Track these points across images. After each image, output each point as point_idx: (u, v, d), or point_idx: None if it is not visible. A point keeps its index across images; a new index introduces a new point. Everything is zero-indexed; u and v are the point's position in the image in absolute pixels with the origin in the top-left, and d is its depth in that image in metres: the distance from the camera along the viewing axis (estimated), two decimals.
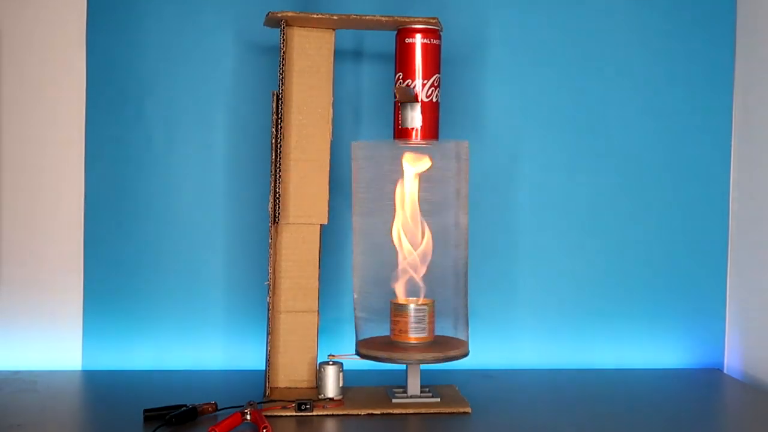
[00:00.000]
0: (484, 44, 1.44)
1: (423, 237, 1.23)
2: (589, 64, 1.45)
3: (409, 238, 1.23)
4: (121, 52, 1.39)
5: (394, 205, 1.23)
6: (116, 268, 1.39)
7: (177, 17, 1.39)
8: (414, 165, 1.22)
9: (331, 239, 1.34)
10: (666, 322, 1.45)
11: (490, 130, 1.44)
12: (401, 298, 1.23)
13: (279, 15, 1.21)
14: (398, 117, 1.22)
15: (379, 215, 1.24)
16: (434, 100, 1.22)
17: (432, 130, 1.22)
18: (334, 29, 1.25)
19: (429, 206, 1.23)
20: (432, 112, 1.22)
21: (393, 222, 1.23)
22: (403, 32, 1.22)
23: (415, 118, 1.21)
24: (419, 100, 1.21)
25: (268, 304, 1.22)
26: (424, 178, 1.23)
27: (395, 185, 1.23)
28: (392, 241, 1.23)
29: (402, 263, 1.23)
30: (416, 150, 1.23)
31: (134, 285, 1.39)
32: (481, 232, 1.40)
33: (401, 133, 1.22)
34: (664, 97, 1.45)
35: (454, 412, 1.20)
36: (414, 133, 1.22)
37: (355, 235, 1.25)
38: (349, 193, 1.25)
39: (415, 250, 1.23)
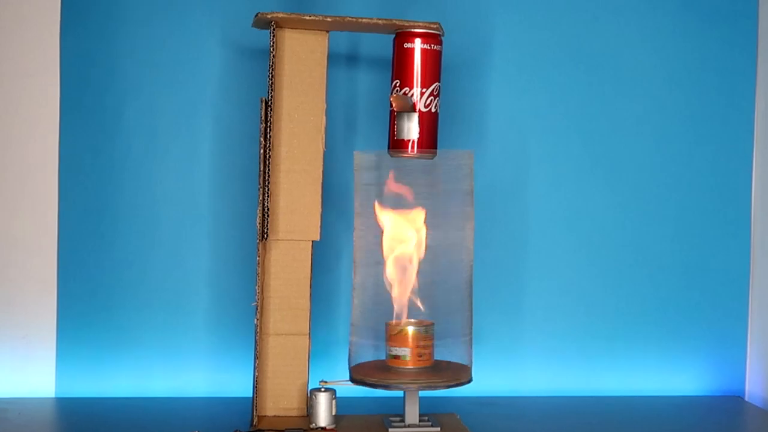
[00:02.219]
0: (489, 49, 1.45)
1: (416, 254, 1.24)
2: (600, 69, 1.46)
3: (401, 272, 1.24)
4: (98, 56, 1.39)
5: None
6: (92, 288, 1.40)
7: (159, 18, 1.40)
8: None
9: (323, 257, 1.35)
10: (683, 347, 1.47)
11: (495, 139, 1.45)
12: (398, 319, 1.23)
13: (269, 16, 1.21)
14: (394, 127, 1.22)
15: (380, 230, 1.24)
16: (433, 110, 1.22)
17: (429, 141, 1.22)
18: (327, 32, 1.25)
19: (431, 221, 1.24)
20: (430, 123, 1.22)
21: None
22: (401, 36, 1.22)
23: (411, 129, 1.21)
24: (417, 110, 1.21)
25: (256, 326, 1.22)
26: (425, 190, 1.24)
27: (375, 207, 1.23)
28: (386, 280, 1.23)
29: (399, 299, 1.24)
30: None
31: (112, 306, 1.40)
32: (487, 248, 1.41)
33: (396, 144, 1.22)
34: (681, 104, 1.47)
35: None
36: (410, 145, 1.21)
37: (355, 252, 1.25)
38: (342, 208, 1.28)
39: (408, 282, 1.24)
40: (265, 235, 1.23)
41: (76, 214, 1.40)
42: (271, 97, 1.23)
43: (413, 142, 1.21)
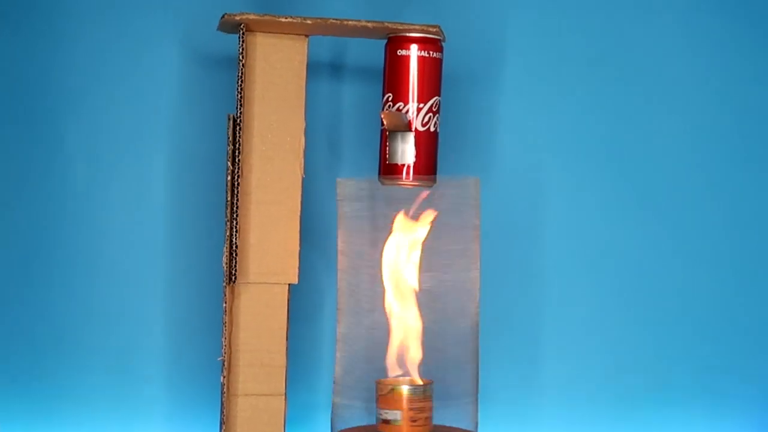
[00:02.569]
0: (499, 57, 1.43)
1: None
2: (634, 82, 1.45)
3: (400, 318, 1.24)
4: (33, 65, 1.37)
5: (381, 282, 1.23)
6: (19, 347, 1.37)
7: (105, 18, 1.38)
8: (410, 231, 1.22)
9: (302, 303, 1.32)
10: (727, 411, 1.45)
11: (506, 164, 1.43)
12: (391, 377, 1.22)
13: (237, 17, 1.19)
14: (385, 149, 1.21)
15: (371, 272, 1.24)
16: (432, 129, 1.20)
17: (428, 166, 1.21)
18: (307, 36, 1.23)
19: (429, 260, 1.23)
20: (429, 144, 1.20)
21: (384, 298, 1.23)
22: (394, 42, 1.21)
23: (406, 151, 1.20)
24: (413, 129, 1.20)
25: (223, 385, 1.21)
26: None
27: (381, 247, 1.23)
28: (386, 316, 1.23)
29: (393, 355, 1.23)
30: (411, 199, 1.22)
31: (48, 364, 1.37)
32: (496, 292, 1.39)
33: (388, 169, 1.21)
34: (732, 124, 1.46)
35: None
36: (404, 170, 1.20)
37: (340, 297, 1.24)
38: (325, 245, 1.26)
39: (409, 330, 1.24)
40: (233, 278, 1.22)
41: (2, 253, 1.37)
42: (240, 113, 1.21)
43: (408, 167, 1.20)
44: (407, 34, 1.21)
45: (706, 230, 1.46)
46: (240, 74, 1.21)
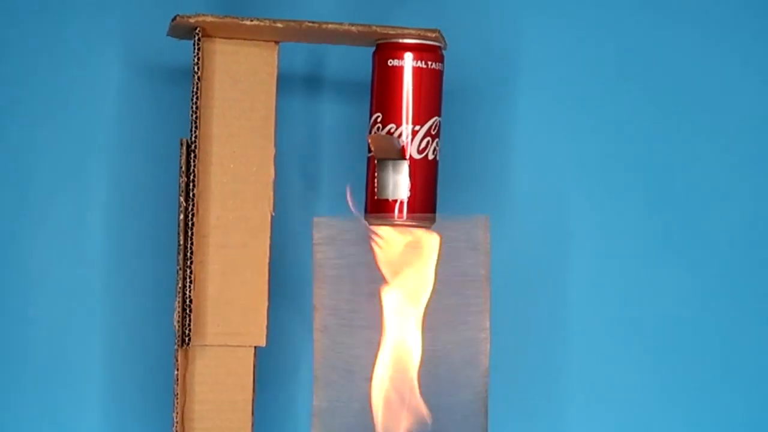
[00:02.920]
0: (512, 68, 1.43)
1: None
2: (667, 103, 1.44)
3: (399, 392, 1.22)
4: None
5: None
6: None
7: (30, 21, 1.37)
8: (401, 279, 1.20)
9: (271, 370, 1.33)
10: None
11: (521, 200, 1.43)
12: None
13: (192, 20, 1.17)
14: (374, 182, 1.19)
15: (355, 330, 1.22)
16: (430, 156, 1.19)
17: (425, 202, 1.19)
18: (277, 43, 1.23)
19: (427, 316, 1.21)
20: (427, 174, 1.19)
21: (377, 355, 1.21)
22: (385, 50, 1.19)
23: (399, 184, 1.18)
24: (407, 156, 1.18)
25: None
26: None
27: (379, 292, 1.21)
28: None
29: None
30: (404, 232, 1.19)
31: None
32: (508, 354, 1.38)
33: (377, 206, 1.19)
34: None
35: None
36: (397, 207, 1.18)
37: (316, 363, 1.22)
38: (301, 299, 1.25)
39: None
40: (187, 340, 1.20)
41: None
42: (196, 137, 1.20)
43: (402, 203, 1.18)
44: (400, 41, 1.19)
45: (754, 270, 1.47)
46: (195, 89, 1.20)
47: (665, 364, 1.45)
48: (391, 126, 1.18)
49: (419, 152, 1.18)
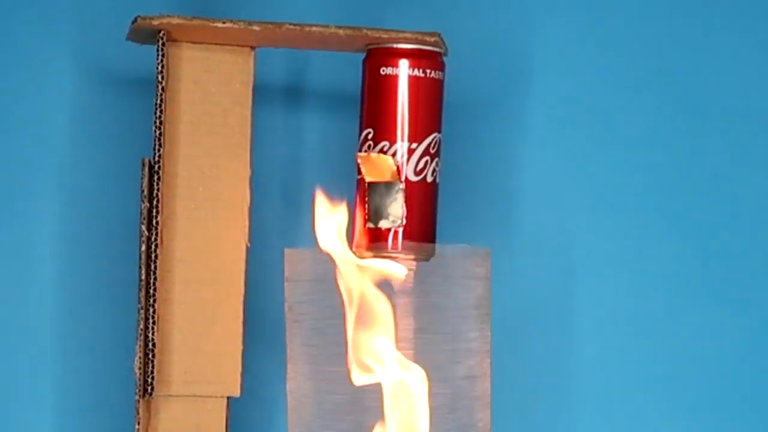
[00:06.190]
0: (523, 77, 1.41)
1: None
2: (693, 123, 1.42)
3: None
4: None
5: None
6: None
7: None
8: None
9: (246, 421, 1.30)
10: None
11: (528, 228, 1.41)
12: None
13: (155, 22, 1.14)
14: (364, 207, 1.15)
15: (336, 376, 1.17)
16: (429, 179, 1.15)
17: (423, 231, 1.15)
18: (254, 49, 1.20)
19: (420, 359, 1.16)
20: (425, 199, 1.15)
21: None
22: (377, 56, 1.15)
23: (393, 210, 1.14)
24: (402, 178, 1.14)
25: None
26: (417, 306, 1.18)
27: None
28: None
29: None
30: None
31: None
32: (513, 395, 1.36)
33: (369, 235, 1.15)
34: None
35: None
36: (390, 236, 1.14)
37: (290, 414, 1.19)
38: (279, 344, 1.21)
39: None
40: (149, 389, 1.17)
41: None
42: (159, 157, 1.16)
43: (396, 232, 1.14)
44: (394, 46, 1.14)
45: None
46: (158, 101, 1.16)
47: (689, 403, 1.43)
48: (384, 144, 1.14)
49: (416, 174, 1.14)
